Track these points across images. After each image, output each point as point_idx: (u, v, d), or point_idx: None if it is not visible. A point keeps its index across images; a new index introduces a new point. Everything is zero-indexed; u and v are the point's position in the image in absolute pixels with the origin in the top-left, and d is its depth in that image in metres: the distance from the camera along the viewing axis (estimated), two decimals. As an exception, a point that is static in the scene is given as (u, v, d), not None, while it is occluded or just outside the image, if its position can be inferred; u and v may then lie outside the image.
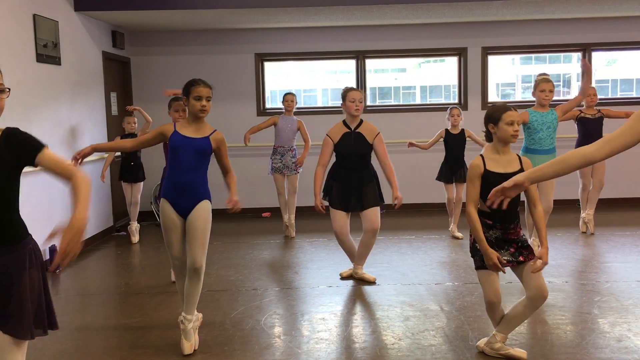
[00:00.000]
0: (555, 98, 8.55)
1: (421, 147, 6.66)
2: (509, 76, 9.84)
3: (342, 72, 9.01)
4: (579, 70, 8.43)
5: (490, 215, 3.25)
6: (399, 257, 5.86)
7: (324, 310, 4.31)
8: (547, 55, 9.32)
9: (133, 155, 6.68)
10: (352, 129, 4.85)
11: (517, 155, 3.34)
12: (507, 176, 3.17)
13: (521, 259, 3.26)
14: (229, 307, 4.43)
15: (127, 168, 6.71)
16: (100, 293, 4.95)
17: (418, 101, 9.03)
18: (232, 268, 5.57)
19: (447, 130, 6.56)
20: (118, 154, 6.80)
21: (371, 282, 4.95)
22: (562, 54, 9.28)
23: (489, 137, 3.30)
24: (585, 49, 8.43)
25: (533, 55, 9.16)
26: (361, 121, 4.89)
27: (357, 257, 5.03)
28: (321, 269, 5.49)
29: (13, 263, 2.13)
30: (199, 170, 3.54)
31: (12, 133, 2.11)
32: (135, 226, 6.91)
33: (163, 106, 8.32)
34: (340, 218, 4.89)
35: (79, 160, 3.58)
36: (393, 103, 9.17)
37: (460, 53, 8.47)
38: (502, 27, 8.34)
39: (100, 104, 7.35)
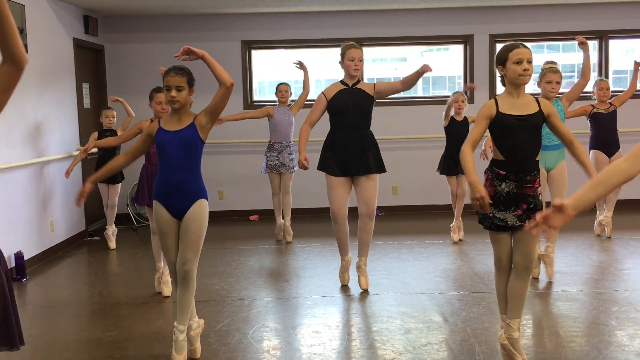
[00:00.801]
0: (567, 89, 8.59)
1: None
2: (519, 66, 9.88)
3: (338, 61, 9.04)
4: (595, 59, 8.47)
5: (505, 164, 3.27)
6: (399, 264, 5.88)
7: (317, 323, 4.31)
8: (560, 43, 9.36)
9: (111, 154, 6.59)
10: (350, 86, 4.88)
11: (535, 97, 3.35)
12: (524, 119, 3.23)
13: (526, 224, 3.21)
14: (213, 319, 4.42)
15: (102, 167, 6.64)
16: (71, 304, 4.93)
17: (420, 93, 9.04)
18: (217, 276, 5.56)
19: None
20: (94, 150, 6.75)
21: (362, 289, 4.96)
22: (576, 42, 9.31)
23: (503, 81, 3.35)
24: (602, 37, 8.47)
25: (545, 43, 9.20)
26: (359, 80, 4.93)
27: (361, 246, 5.02)
28: (314, 277, 5.50)
29: None
30: (191, 166, 3.54)
31: None
32: (112, 230, 6.89)
33: (141, 99, 8.25)
34: (340, 194, 4.87)
35: (82, 200, 3.58)
36: (392, 95, 9.19)
37: (466, 41, 8.49)
38: (511, 13, 8.38)
39: (71, 96, 7.32)
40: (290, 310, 4.61)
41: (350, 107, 4.80)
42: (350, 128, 4.83)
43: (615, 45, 8.72)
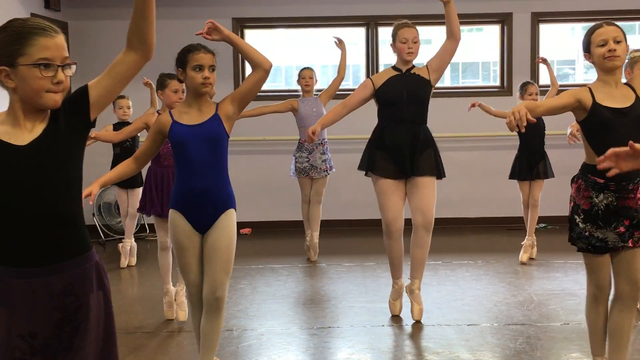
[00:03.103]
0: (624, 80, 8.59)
1: (489, 110, 6.74)
2: (568, 51, 9.87)
3: (349, 44, 9.06)
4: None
5: (603, 171, 3.17)
6: (421, 289, 5.86)
7: (316, 359, 4.33)
8: (620, 24, 9.37)
9: (130, 153, 6.47)
10: (404, 71, 4.87)
11: (628, 84, 3.32)
12: (624, 112, 3.18)
13: (630, 244, 3.21)
14: (194, 352, 4.44)
15: None
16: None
17: (447, 83, 9.07)
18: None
19: None
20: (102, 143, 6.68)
21: (415, 320, 4.91)
22: (637, 23, 9.32)
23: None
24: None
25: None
26: (414, 66, 4.91)
27: (415, 266, 4.93)
28: (319, 304, 5.51)
29: (79, 281, 2.19)
30: (218, 168, 3.52)
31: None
32: (130, 245, 6.86)
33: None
34: (395, 201, 4.80)
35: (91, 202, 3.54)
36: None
37: (504, 20, 8.50)
38: (558, -13, 8.38)
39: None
40: (283, 345, 4.61)
41: (405, 97, 4.77)
42: (404, 122, 4.78)
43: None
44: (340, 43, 6.83)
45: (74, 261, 2.19)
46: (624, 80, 3.37)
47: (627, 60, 4.22)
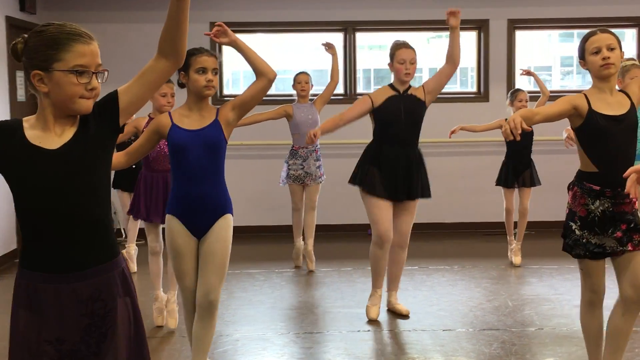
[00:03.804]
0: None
1: (474, 129, 6.77)
2: (545, 58, 9.97)
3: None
4: (635, 51, 8.59)
5: (599, 177, 3.22)
6: (398, 294, 5.89)
7: (295, 365, 4.34)
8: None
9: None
10: (401, 92, 4.96)
11: (622, 90, 3.33)
12: (620, 119, 3.19)
13: (630, 247, 3.24)
14: (187, 357, 4.43)
15: (123, 172, 6.42)
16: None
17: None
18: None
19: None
20: None
21: (404, 316, 5.11)
22: (613, 30, 9.43)
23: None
24: (642, 25, 8.59)
25: (575, 31, 9.30)
26: (410, 86, 5.02)
27: (392, 279, 5.19)
28: (294, 309, 5.51)
29: (106, 287, 2.20)
30: (215, 173, 3.53)
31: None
32: (134, 249, 6.77)
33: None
34: (386, 216, 4.95)
35: None
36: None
37: (480, 27, 8.57)
38: (534, -6, 8.46)
39: (2, 86, 7.30)
40: (258, 350, 4.61)
41: (402, 117, 4.88)
42: (400, 143, 4.92)
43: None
44: (330, 48, 6.78)
45: (102, 267, 2.20)
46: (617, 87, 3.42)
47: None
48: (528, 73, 7.05)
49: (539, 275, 6.38)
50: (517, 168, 6.61)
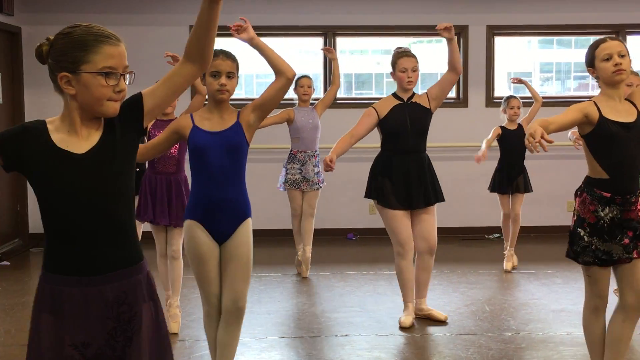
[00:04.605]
0: (583, 93, 8.80)
1: (485, 151, 6.49)
2: (524, 64, 10.05)
3: (306, 52, 9.06)
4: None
5: (609, 184, 3.24)
6: (375, 298, 5.92)
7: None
8: (573, 38, 9.56)
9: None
10: (405, 100, 4.98)
11: (629, 100, 3.35)
12: (630, 126, 3.22)
13: (635, 255, 3.26)
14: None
15: None
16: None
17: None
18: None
19: (502, 126, 6.68)
20: None
21: (441, 322, 5.09)
22: (591, 37, 9.53)
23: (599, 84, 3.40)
24: (619, 32, 8.68)
25: (555, 37, 9.38)
26: (414, 93, 5.03)
27: (419, 288, 5.14)
28: (272, 314, 5.51)
29: (132, 290, 2.20)
30: (236, 176, 3.49)
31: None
32: None
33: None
34: (405, 225, 4.97)
35: None
36: (374, 95, 9.25)
37: (460, 33, 8.62)
38: (513, 1, 8.52)
39: (-20, 88, 7.25)
40: (240, 356, 4.61)
41: (408, 127, 4.91)
42: (408, 152, 4.94)
43: (635, 42, 8.92)
44: (330, 52, 6.78)
45: (127, 270, 2.20)
46: None
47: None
48: (519, 81, 7.05)
49: (516, 280, 6.43)
50: (510, 174, 6.63)
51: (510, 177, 6.63)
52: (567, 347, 4.63)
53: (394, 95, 5.04)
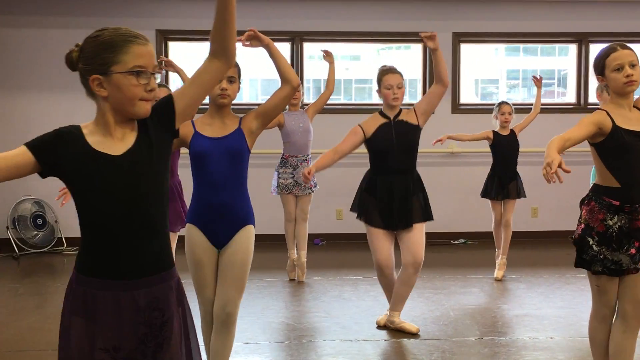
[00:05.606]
0: (548, 100, 8.91)
1: (461, 139, 6.75)
2: (491, 71, 10.16)
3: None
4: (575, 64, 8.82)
5: (620, 193, 3.21)
6: (340, 304, 5.93)
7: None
8: (539, 46, 9.70)
9: None
10: (392, 118, 4.97)
11: (637, 107, 3.33)
12: None
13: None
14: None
15: None
16: None
17: (376, 99, 9.18)
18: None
19: (494, 132, 6.72)
20: None
21: (413, 334, 5.01)
22: (557, 45, 9.67)
23: (607, 91, 3.40)
24: (582, 40, 8.81)
25: (521, 45, 9.50)
26: (401, 110, 5.01)
27: (395, 301, 5.09)
28: (241, 318, 5.47)
29: (164, 296, 2.19)
30: (237, 182, 3.49)
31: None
32: None
33: (37, 95, 8.12)
34: (384, 245, 4.97)
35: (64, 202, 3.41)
36: (343, 101, 9.29)
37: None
38: (479, 8, 8.61)
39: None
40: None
41: (395, 145, 4.88)
42: (394, 172, 4.92)
43: (597, 51, 9.08)
44: (328, 56, 6.76)
45: (160, 276, 2.20)
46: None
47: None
48: (539, 82, 6.95)
49: (481, 286, 6.48)
50: (503, 180, 6.64)
51: (502, 183, 6.65)
52: (530, 352, 4.68)
53: (381, 113, 5.02)
